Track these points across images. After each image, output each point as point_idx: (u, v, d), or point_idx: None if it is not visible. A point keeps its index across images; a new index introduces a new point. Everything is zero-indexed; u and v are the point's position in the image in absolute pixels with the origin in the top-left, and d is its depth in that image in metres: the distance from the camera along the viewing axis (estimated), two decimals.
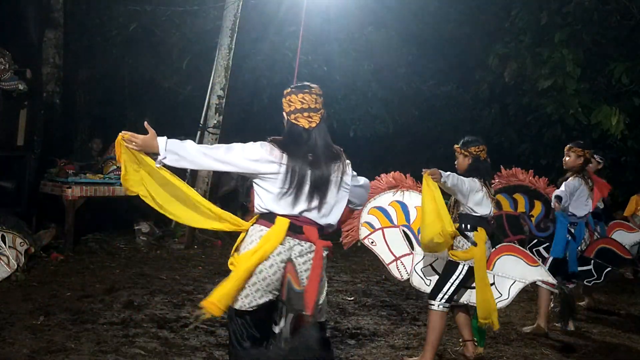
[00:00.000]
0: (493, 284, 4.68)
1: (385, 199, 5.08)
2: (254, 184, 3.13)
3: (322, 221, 3.11)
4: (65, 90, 9.89)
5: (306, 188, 3.04)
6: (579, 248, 5.86)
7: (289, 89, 3.21)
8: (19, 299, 5.76)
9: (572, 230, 5.84)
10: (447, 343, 5.26)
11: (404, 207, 5.04)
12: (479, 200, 4.54)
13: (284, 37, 11.36)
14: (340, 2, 10.62)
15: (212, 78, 9.68)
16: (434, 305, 4.59)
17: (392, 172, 5.15)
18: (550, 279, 4.85)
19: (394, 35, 12.88)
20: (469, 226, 4.60)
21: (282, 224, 3.02)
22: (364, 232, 5.08)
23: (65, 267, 7.23)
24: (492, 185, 5.53)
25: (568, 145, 5.90)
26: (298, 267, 3.05)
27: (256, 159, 3.02)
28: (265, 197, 3.07)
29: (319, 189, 3.06)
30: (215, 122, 9.59)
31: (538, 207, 6.04)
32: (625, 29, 10.63)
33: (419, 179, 4.52)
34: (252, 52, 11.37)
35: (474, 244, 4.53)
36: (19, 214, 7.54)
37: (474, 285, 4.62)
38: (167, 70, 11.41)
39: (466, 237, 4.57)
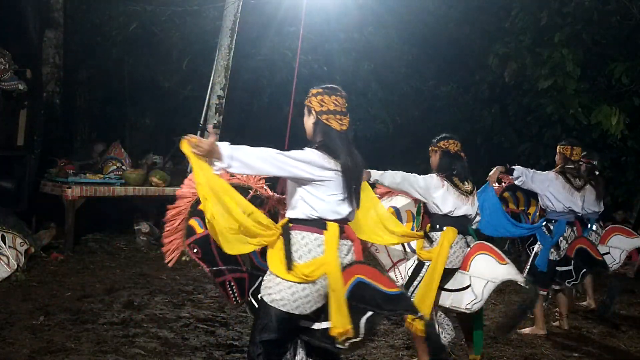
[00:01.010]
0: (469, 285, 4.49)
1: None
2: (299, 190, 3.09)
3: (352, 217, 3.21)
4: (65, 90, 9.89)
5: (353, 192, 3.14)
6: (561, 247, 5.81)
7: (319, 89, 3.23)
8: (19, 299, 5.76)
9: (551, 227, 5.78)
10: (449, 343, 5.25)
11: (397, 212, 5.00)
12: (438, 197, 4.43)
13: (284, 37, 11.37)
14: (340, 2, 10.63)
15: (212, 78, 9.67)
16: None
17: None
18: (519, 277, 4.54)
19: (394, 35, 12.88)
20: (434, 226, 4.51)
21: (335, 229, 3.07)
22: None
23: (65, 267, 7.23)
24: (501, 184, 5.55)
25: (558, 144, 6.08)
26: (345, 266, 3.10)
27: (309, 162, 3.01)
28: (315, 203, 3.07)
29: (357, 192, 3.19)
30: (215, 122, 9.58)
31: (534, 205, 6.06)
32: (625, 29, 10.63)
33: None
34: (252, 52, 11.37)
35: (431, 242, 4.43)
36: (19, 214, 7.54)
37: (451, 287, 4.52)
38: (167, 70, 11.42)
39: (427, 236, 4.46)
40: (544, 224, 5.76)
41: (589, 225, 6.36)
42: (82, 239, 8.61)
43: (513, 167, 5.65)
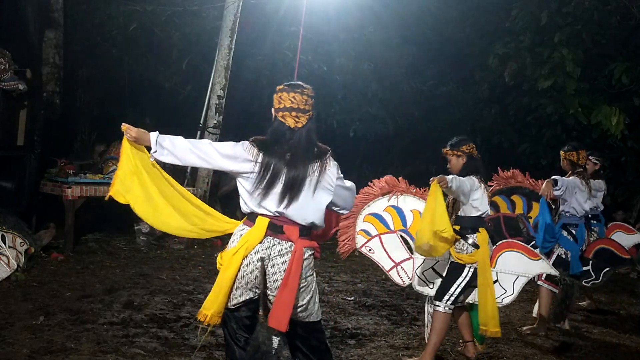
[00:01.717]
0: (497, 281, 4.66)
1: (379, 205, 5.04)
2: (237, 185, 3.17)
3: (303, 221, 3.10)
4: (65, 90, 9.89)
5: (278, 187, 3.04)
6: (580, 248, 5.89)
7: (282, 86, 3.22)
8: (19, 299, 5.76)
9: (574, 232, 5.87)
10: (447, 343, 5.26)
11: (399, 211, 5.00)
12: (479, 198, 4.54)
13: (284, 37, 11.37)
14: (340, 2, 10.62)
15: (212, 78, 9.68)
16: (439, 306, 4.58)
17: (385, 177, 5.10)
18: (553, 271, 4.85)
19: (394, 35, 12.88)
20: (469, 229, 4.58)
21: (261, 224, 3.07)
22: (360, 240, 5.03)
23: (65, 267, 7.23)
24: (491, 188, 5.55)
25: (562, 150, 6.09)
26: (277, 266, 3.06)
27: (230, 155, 3.07)
28: (245, 196, 3.12)
29: (292, 189, 3.04)
30: (216, 122, 9.59)
31: (536, 209, 6.04)
32: (625, 29, 10.64)
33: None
34: (252, 52, 11.38)
35: (476, 246, 4.52)
36: (19, 214, 7.54)
37: (475, 283, 4.61)
38: (167, 70, 11.42)
39: (467, 240, 4.55)
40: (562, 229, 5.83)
41: (593, 222, 6.44)
42: (82, 239, 8.62)
43: (555, 177, 5.67)
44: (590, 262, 5.93)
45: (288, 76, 9.97)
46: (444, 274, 4.70)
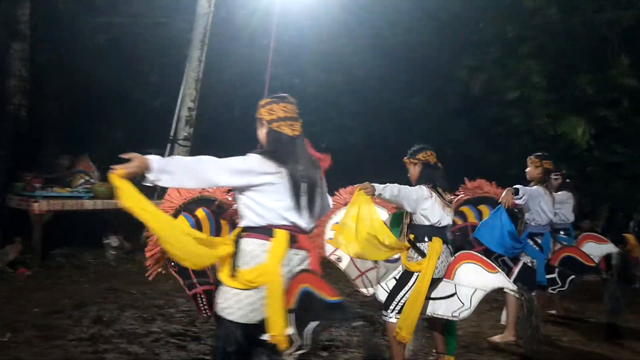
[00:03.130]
0: (455, 293, 4.59)
1: None
2: (243, 197, 3.08)
3: (310, 228, 3.16)
4: (32, 103, 9.74)
5: (303, 198, 3.07)
6: (546, 257, 5.97)
7: (267, 99, 3.22)
8: None
9: (539, 241, 5.94)
10: (420, 353, 5.27)
11: None
12: (427, 208, 4.46)
13: (256, 49, 11.38)
14: (312, 15, 10.69)
15: (182, 90, 9.64)
16: (386, 315, 4.50)
17: (349, 187, 5.09)
18: (510, 286, 4.79)
19: (366, 47, 12.98)
20: (420, 237, 4.53)
21: (282, 236, 3.04)
22: (329, 248, 5.05)
23: (33, 282, 7.10)
24: (458, 198, 5.57)
25: (529, 157, 6.09)
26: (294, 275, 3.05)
27: (243, 170, 2.99)
28: (262, 210, 3.05)
29: (312, 197, 3.11)
30: (186, 134, 9.54)
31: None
32: (590, 41, 10.87)
33: None
34: (224, 65, 11.36)
35: (424, 255, 4.47)
36: None
37: (434, 295, 4.58)
38: (136, 82, 11.33)
39: (417, 248, 4.51)
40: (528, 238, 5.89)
41: (562, 234, 6.52)
42: (50, 253, 8.47)
43: (517, 186, 5.70)
44: (557, 269, 6.01)
45: (259, 88, 9.97)
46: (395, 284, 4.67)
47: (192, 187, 3.16)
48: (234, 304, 3.02)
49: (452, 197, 4.77)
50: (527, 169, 6.08)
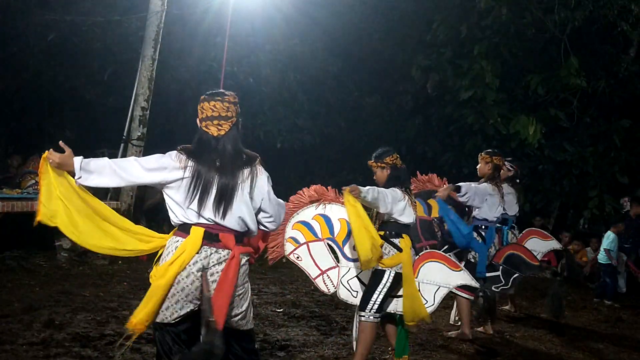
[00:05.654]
0: (418, 291, 4.73)
1: (308, 213, 5.08)
2: (165, 196, 3.13)
3: (239, 227, 3.12)
4: None
5: (212, 194, 3.05)
6: (488, 250, 6.05)
7: (203, 96, 3.23)
8: None
9: (483, 234, 6.02)
10: (375, 351, 5.32)
11: (327, 220, 5.05)
12: (402, 209, 4.58)
13: (210, 48, 11.30)
14: (266, 14, 10.67)
15: (135, 89, 9.48)
16: (364, 316, 4.59)
17: (313, 186, 5.15)
18: (473, 283, 4.99)
19: (320, 47, 13.03)
20: (393, 233, 4.64)
21: (196, 233, 3.05)
22: (289, 247, 5.05)
23: None
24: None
25: (480, 153, 6.22)
26: (216, 274, 3.05)
27: (156, 168, 3.06)
28: (176, 208, 3.10)
29: (225, 195, 3.06)
30: (140, 134, 9.40)
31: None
32: (540, 42, 11.11)
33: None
34: (177, 63, 11.25)
35: (400, 249, 4.59)
36: None
37: (400, 294, 4.67)
38: (88, 81, 11.14)
39: (392, 243, 4.60)
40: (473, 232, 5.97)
41: (505, 228, 6.61)
42: None
43: (459, 184, 5.79)
44: (500, 267, 6.07)
45: (214, 87, 9.88)
46: (367, 283, 4.75)
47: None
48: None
49: (413, 197, 4.85)
50: (478, 165, 6.20)
